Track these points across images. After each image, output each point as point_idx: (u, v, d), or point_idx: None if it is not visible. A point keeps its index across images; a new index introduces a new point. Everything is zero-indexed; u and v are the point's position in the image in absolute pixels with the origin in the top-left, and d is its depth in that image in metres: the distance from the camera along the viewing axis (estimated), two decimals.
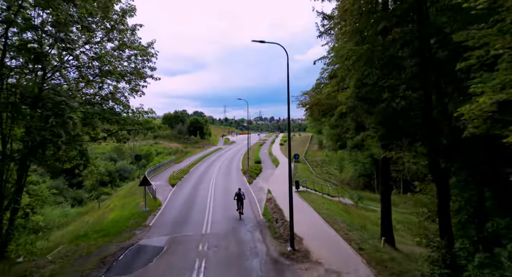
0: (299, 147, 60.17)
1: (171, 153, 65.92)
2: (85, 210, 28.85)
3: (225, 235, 13.72)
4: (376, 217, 20.02)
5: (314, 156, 49.17)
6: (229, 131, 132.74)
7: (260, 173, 34.97)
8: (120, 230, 14.73)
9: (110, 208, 23.58)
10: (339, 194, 25.86)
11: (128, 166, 44.88)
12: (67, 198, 32.02)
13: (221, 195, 22.97)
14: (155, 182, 29.34)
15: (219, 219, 16.60)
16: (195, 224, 15.54)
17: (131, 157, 52.40)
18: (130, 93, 18.07)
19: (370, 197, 27.97)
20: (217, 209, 18.67)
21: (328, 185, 32.10)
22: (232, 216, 17.05)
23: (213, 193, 23.68)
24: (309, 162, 45.89)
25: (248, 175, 33.26)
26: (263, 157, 51.46)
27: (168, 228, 15.07)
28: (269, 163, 44.95)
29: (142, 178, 18.74)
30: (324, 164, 43.89)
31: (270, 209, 18.47)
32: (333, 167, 42.28)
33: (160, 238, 13.53)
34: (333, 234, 13.74)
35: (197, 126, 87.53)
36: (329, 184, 35.42)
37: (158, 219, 16.72)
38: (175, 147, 71.52)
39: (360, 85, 8.76)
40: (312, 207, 18.57)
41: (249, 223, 15.58)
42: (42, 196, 22.11)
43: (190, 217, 17.10)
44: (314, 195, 23.46)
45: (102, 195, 34.63)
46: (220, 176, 32.62)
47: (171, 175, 31.40)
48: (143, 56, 16.89)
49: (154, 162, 51.92)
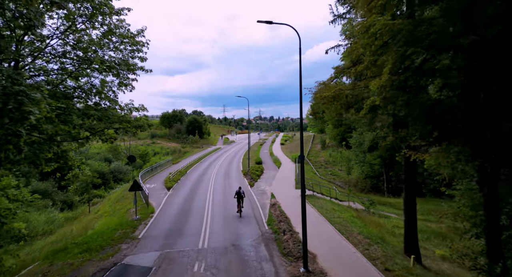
0: None
1: (168, 153, 63.92)
2: (74, 215, 26.89)
3: (225, 250, 11.78)
4: (391, 224, 18.12)
5: (317, 157, 47.26)
6: (229, 131, 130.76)
7: (261, 174, 33.05)
8: (104, 244, 12.78)
9: (99, 214, 21.62)
10: (348, 198, 23.95)
11: (123, 167, 42.88)
12: (56, 202, 30.04)
13: (221, 199, 21.04)
14: (149, 185, 27.39)
15: (218, 229, 14.67)
16: (191, 236, 13.60)
17: (126, 157, 50.46)
18: (118, 88, 16.25)
19: (381, 201, 26.07)
20: (216, 217, 16.74)
21: (334, 188, 30.19)
22: (233, 225, 15.13)
23: (212, 197, 21.75)
24: (312, 162, 43.97)
25: (249, 176, 31.33)
26: (264, 157, 49.52)
27: (160, 241, 13.13)
28: (271, 164, 43.01)
29: (133, 183, 16.81)
30: (328, 164, 42.00)
31: (275, 216, 16.54)
32: (338, 168, 40.37)
33: (149, 254, 11.59)
34: (351, 249, 11.81)
35: (196, 125, 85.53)
36: (334, 186, 33.52)
37: (149, 230, 14.76)
38: (173, 147, 69.53)
39: (398, 70, 6.83)
40: (322, 215, 16.64)
41: (252, 235, 13.64)
42: (24, 200, 20.14)
43: (186, 226, 15.16)
44: (322, 199, 21.55)
45: (94, 198, 32.68)
46: (219, 178, 30.69)
47: (167, 177, 29.44)
48: (133, 45, 14.98)
49: (150, 162, 49.94)
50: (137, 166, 49.84)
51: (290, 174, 33.02)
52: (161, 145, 71.74)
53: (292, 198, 21.30)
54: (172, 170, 36.28)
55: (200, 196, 22.37)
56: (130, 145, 60.57)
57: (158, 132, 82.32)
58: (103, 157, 47.38)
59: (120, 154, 50.49)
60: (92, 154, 46.41)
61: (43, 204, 27.82)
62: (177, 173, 33.09)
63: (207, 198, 21.36)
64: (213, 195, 22.63)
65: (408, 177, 12.43)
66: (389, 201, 24.88)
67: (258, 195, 22.60)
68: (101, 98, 15.10)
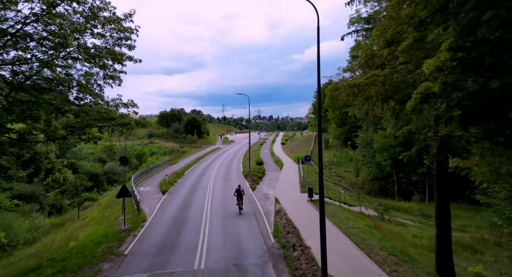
0: (303, 146, 56.37)
1: (166, 153, 61.98)
2: (62, 221, 24.92)
3: (225, 273, 9.87)
4: (410, 233, 16.23)
5: None
6: (228, 130, 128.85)
7: (263, 176, 31.14)
8: (83, 263, 10.84)
9: (86, 222, 19.69)
10: (360, 203, 22.06)
11: (118, 168, 40.90)
12: (44, 206, 28.08)
13: (220, 205, 19.13)
14: (143, 188, 25.46)
15: (217, 242, 12.76)
16: (186, 252, 11.67)
17: None
18: (104, 80, 14.36)
19: (393, 205, 24.13)
20: (215, 226, 14.83)
21: (341, 191, 28.33)
22: (234, 238, 13.21)
23: (211, 202, 19.84)
24: (315, 163, 42.07)
25: (250, 178, 29.43)
26: (265, 157, 47.62)
27: (149, 258, 11.20)
28: (272, 164, 41.10)
29: (121, 188, 14.87)
30: (332, 165, 40.14)
31: (281, 226, 14.64)
32: (343, 169, 38.49)
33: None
34: (376, 271, 9.92)
35: (195, 124, 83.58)
36: (341, 188, 31.65)
37: (137, 243, 12.84)
38: (171, 147, 67.58)
39: (465, 43, 4.94)
40: (335, 225, 14.74)
41: (257, 251, 11.72)
42: (2, 206, 18.14)
43: (180, 239, 13.24)
44: (332, 205, 19.65)
45: (86, 202, 30.75)
46: (218, 180, 28.78)
47: (163, 180, 27.51)
48: (120, 31, 13.09)
49: (147, 163, 48.01)
50: (133, 167, 47.95)
51: (294, 176, 31.12)
52: (158, 144, 69.78)
53: (299, 204, 19.40)
54: (169, 171, 34.37)
55: (197, 201, 20.46)
56: (126, 145, 58.56)
57: (156, 132, 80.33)
58: (98, 157, 45.41)
59: (115, 154, 48.49)
60: (86, 154, 44.44)
61: (29, 209, 25.90)
62: (174, 174, 31.17)
63: (205, 204, 19.45)
64: (212, 199, 20.71)
65: (441, 183, 10.53)
66: (401, 206, 23.02)
67: (261, 200, 20.69)
68: (82, 92, 13.21)
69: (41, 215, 25.09)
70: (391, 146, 27.04)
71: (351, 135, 46.73)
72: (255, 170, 32.35)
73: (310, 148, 51.27)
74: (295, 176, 31.01)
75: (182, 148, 65.18)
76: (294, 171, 34.89)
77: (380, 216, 18.80)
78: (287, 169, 36.61)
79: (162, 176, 29.97)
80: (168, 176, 29.51)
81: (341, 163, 40.66)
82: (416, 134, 7.98)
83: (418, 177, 27.46)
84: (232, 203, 19.31)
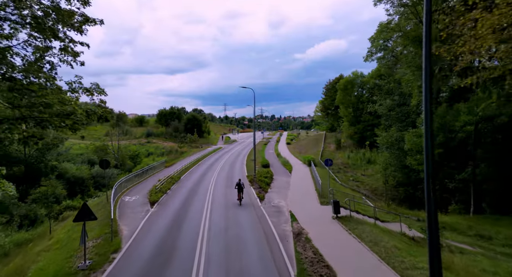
0: (313, 147, 51.96)
1: (164, 153, 57.76)
2: (32, 236, 20.74)
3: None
4: (479, 267, 11.82)
5: (333, 158, 41.00)
6: (230, 129, 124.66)
7: (271, 181, 26.82)
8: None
9: (49, 244, 15.43)
10: (395, 218, 17.70)
11: (108, 171, 36.62)
12: (15, 217, 23.89)
13: (222, 224, 14.82)
14: (129, 197, 21.23)
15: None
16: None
17: (115, 159, 44.42)
18: (62, 56, 10.24)
19: None
20: (214, 259, 10.54)
21: (367, 201, 24.03)
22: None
23: (209, 221, 15.53)
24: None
25: (256, 185, 25.13)
26: (270, 159, 43.31)
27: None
28: (280, 167, 36.76)
29: (80, 209, 10.61)
30: (348, 168, 35.77)
31: (307, 263, 10.29)
32: (360, 172, 34.06)
33: None
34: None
35: (195, 123, 79.32)
36: (363, 196, 27.27)
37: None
38: (169, 147, 63.36)
39: None
40: (384, 262, 10.35)
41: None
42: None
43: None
44: (365, 224, 15.23)
45: (66, 211, 26.55)
46: (219, 187, 24.48)
47: (154, 187, 23.24)
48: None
49: (142, 165, 43.87)
50: (127, 168, 43.78)
51: (307, 182, 26.79)
52: (156, 144, 65.61)
53: (323, 223, 15.07)
54: (163, 175, 30.15)
55: (193, 218, 16.16)
56: (120, 145, 54.45)
57: (154, 131, 76.16)
58: (87, 158, 41.26)
59: (108, 155, 44.27)
60: (73, 155, 40.31)
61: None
62: (168, 179, 26.92)
63: (202, 222, 15.14)
64: (211, 215, 16.41)
65: None
66: (445, 222, 18.59)
67: (273, 216, 16.36)
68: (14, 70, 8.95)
69: (4, 230, 20.89)
70: None
71: (366, 134, 42.33)
72: (261, 174, 28.02)
73: (320, 149, 46.86)
74: (309, 182, 26.66)
75: (181, 148, 60.97)
76: (306, 175, 30.54)
77: (419, 236, 14.40)
78: (298, 172, 32.27)
79: (155, 182, 25.73)
80: (161, 182, 25.27)
81: (357, 165, 36.27)
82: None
83: (457, 184, 23.02)
84: (236, 221, 15.05)
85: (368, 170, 34.70)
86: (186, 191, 23.26)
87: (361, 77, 44.35)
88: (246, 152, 55.47)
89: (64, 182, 29.86)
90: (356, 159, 37.87)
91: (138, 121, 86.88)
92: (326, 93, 58.04)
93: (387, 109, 28.57)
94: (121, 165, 43.92)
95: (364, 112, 43.13)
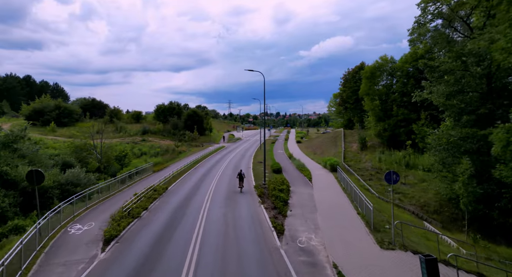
0: (329, 146, 44.43)
1: (158, 153, 50.82)
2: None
3: None
4: None
5: (359, 161, 33.56)
6: (234, 126, 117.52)
7: (289, 197, 19.50)
8: None
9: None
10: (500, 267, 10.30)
11: (85, 176, 29.61)
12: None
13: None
14: (80, 226, 14.24)
15: None
16: None
17: (98, 160, 37.46)
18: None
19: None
20: None
21: (427, 225, 16.79)
22: None
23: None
24: (354, 170, 30.28)
25: (268, 202, 17.90)
26: (282, 161, 36.03)
27: None
28: (295, 172, 29.49)
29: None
30: (381, 173, 28.40)
31: None
32: (400, 181, 26.54)
33: None
34: None
35: (196, 119, 72.26)
36: (425, 222, 19.89)
37: None
38: (166, 146, 56.44)
39: None
40: None
41: None
42: None
43: None
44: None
45: (11, 234, 19.62)
46: (217, 207, 17.29)
47: (123, 206, 16.09)
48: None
49: (129, 167, 36.97)
50: (113, 172, 36.84)
51: (339, 197, 19.48)
52: (152, 143, 58.71)
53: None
54: (147, 184, 23.18)
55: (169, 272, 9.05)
56: (108, 144, 47.63)
57: (151, 128, 69.26)
58: (62, 160, 34.36)
59: (91, 156, 37.37)
60: (44, 157, 33.40)
61: None
62: (149, 192, 19.87)
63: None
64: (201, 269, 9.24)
65: None
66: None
67: (303, 273, 9.13)
68: None
69: None
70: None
71: (399, 132, 34.70)
72: (274, 185, 20.72)
73: (340, 149, 39.36)
74: (342, 198, 19.32)
75: (179, 148, 53.97)
76: (332, 186, 23.21)
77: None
78: (320, 181, 24.93)
79: (129, 196, 18.69)
80: (138, 197, 18.22)
81: (390, 169, 28.74)
82: None
83: None
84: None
85: (408, 177, 27.19)
86: (169, 213, 16.13)
87: (391, 63, 36.64)
88: (252, 152, 48.28)
89: (17, 194, 22.95)
90: (390, 162, 30.35)
91: (135, 117, 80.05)
92: (345, 84, 50.35)
93: (445, 96, 20.90)
94: (105, 168, 36.96)
95: (395, 104, 35.47)
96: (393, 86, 37.03)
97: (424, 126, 30.25)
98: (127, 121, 77.71)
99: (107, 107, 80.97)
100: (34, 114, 68.52)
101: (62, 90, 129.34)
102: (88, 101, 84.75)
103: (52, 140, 52.21)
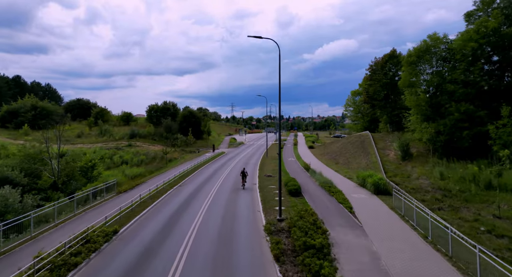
0: (356, 155, 34.87)
1: (143, 161, 41.69)
2: None
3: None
4: None
5: (407, 176, 24.14)
6: (237, 129, 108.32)
7: (334, 264, 10.08)
8: None
9: None
10: None
11: (16, 199, 20.40)
12: None
13: None
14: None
15: None
16: None
17: (53, 174, 28.35)
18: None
19: None
20: None
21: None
22: None
23: None
24: (407, 191, 20.75)
25: (294, 272, 8.58)
26: (297, 174, 26.70)
27: None
28: (322, 195, 20.10)
29: None
30: (450, 198, 18.90)
31: None
32: (487, 210, 16.89)
33: None
34: None
35: (192, 121, 63.19)
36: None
37: None
38: (154, 152, 47.31)
39: None
40: None
41: None
42: None
43: None
44: None
45: None
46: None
47: None
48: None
49: (96, 183, 27.72)
50: (73, 188, 27.64)
51: (424, 254, 9.99)
52: (138, 149, 49.59)
53: None
54: (89, 220, 13.95)
55: None
56: (77, 151, 38.56)
57: (140, 131, 60.21)
58: (1, 175, 25.25)
59: (46, 167, 28.23)
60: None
61: None
62: (70, 250, 10.62)
63: None
64: None
65: None
66: None
67: None
68: None
69: None
70: None
71: (459, 135, 25.22)
72: (299, 224, 11.34)
73: (375, 159, 29.85)
74: (432, 258, 9.84)
75: (169, 155, 44.80)
76: (394, 225, 13.74)
77: None
78: (368, 214, 15.44)
79: (53, 243, 9.45)
80: (62, 251, 9.00)
81: (466, 192, 19.30)
82: None
83: None
84: None
85: (504, 206, 17.56)
86: None
87: (446, 43, 27.28)
88: (257, 161, 38.97)
89: None
90: (459, 179, 20.83)
91: (125, 119, 71.24)
92: (372, 77, 40.94)
93: None
94: (63, 184, 27.71)
95: (454, 98, 26.06)
96: (445, 73, 27.57)
97: (509, 127, 20.81)
98: (115, 124, 68.93)
99: (94, 107, 72.37)
100: (8, 116, 60.04)
101: (54, 91, 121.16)
102: (74, 101, 76.31)
103: (22, 145, 43.40)
